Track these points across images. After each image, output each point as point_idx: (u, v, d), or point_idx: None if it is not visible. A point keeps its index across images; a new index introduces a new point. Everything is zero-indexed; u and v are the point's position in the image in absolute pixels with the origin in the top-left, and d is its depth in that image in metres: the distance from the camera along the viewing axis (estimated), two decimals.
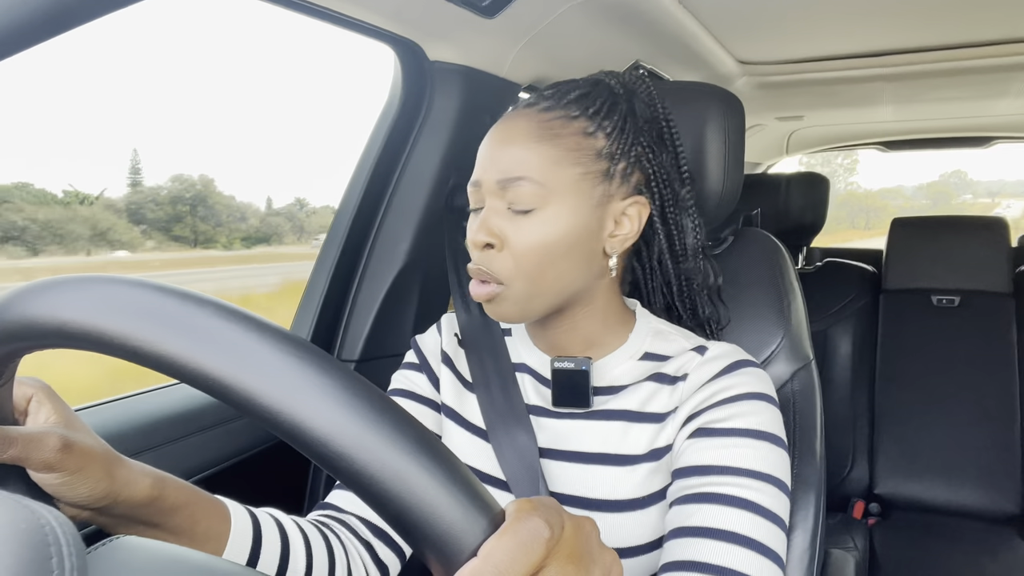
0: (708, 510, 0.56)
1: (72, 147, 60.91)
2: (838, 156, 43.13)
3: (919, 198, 52.54)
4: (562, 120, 0.64)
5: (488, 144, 0.66)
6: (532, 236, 0.62)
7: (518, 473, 0.67)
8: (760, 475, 0.58)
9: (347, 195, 1.12)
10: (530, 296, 0.63)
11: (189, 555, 0.36)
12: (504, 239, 0.63)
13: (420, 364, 0.78)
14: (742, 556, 0.54)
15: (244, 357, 0.28)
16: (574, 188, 0.63)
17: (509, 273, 0.63)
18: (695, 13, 1.25)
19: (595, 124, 0.64)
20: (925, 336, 1.96)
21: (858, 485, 1.93)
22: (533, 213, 0.62)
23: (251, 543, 0.57)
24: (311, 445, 0.27)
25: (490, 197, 0.64)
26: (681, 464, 0.61)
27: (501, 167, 0.63)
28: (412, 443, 0.27)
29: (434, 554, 0.27)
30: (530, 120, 0.64)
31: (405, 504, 0.27)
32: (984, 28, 1.36)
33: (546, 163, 0.62)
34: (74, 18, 0.46)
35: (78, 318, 0.29)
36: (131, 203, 16.79)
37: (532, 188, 0.61)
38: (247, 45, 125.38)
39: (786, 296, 0.86)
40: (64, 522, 0.26)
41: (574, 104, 0.65)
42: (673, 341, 0.70)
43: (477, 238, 0.63)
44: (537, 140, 0.63)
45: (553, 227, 0.62)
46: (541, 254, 0.62)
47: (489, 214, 0.63)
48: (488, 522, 0.28)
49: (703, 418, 0.62)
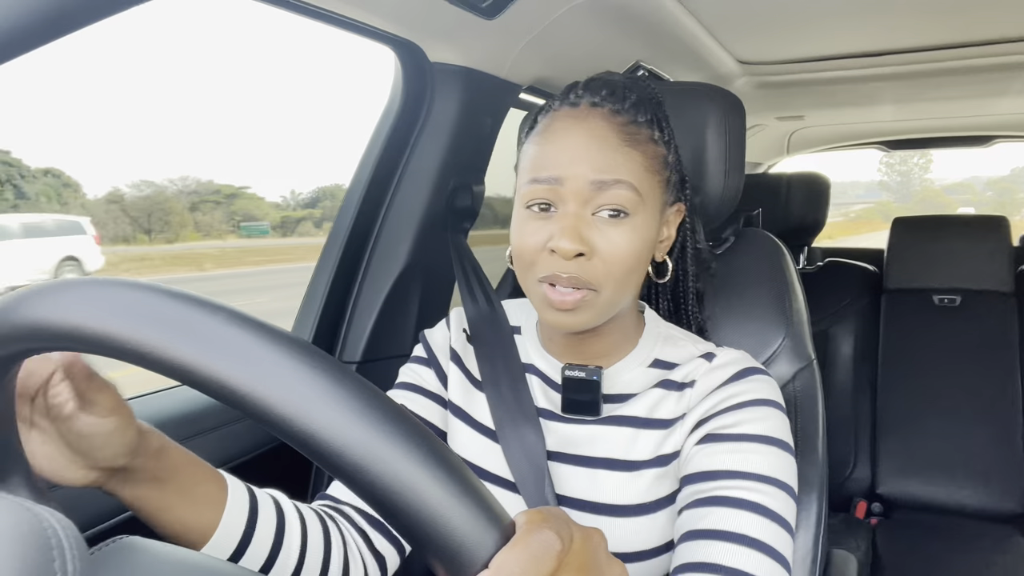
0: (719, 513, 0.57)
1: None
2: (914, 155, 43.86)
3: (986, 192, 52.75)
4: (635, 126, 0.63)
5: (569, 141, 0.61)
6: (624, 244, 0.60)
7: (525, 473, 0.67)
8: (769, 480, 0.58)
9: (348, 196, 1.12)
10: (612, 304, 0.63)
11: (190, 557, 0.36)
12: (593, 246, 0.60)
13: (428, 359, 0.77)
14: (752, 558, 0.54)
15: (254, 364, 0.27)
16: (655, 196, 0.63)
17: (601, 280, 0.60)
18: (695, 13, 1.25)
19: (657, 131, 0.64)
20: (926, 335, 1.96)
21: (860, 485, 1.93)
22: (626, 220, 0.60)
23: (247, 514, 0.57)
24: (324, 456, 0.27)
25: (574, 199, 0.60)
26: (691, 470, 0.61)
27: (598, 167, 0.60)
28: (424, 453, 0.27)
29: (445, 565, 0.27)
30: (609, 122, 0.62)
31: (417, 516, 0.27)
32: (984, 28, 1.36)
33: (640, 169, 0.61)
34: (75, 21, 0.46)
35: (85, 321, 0.29)
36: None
37: (631, 194, 0.60)
38: (247, 45, 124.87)
39: (787, 296, 0.86)
40: (67, 525, 0.26)
41: (636, 110, 0.64)
42: (682, 347, 0.70)
43: (565, 245, 0.58)
44: (628, 145, 0.61)
45: (642, 235, 0.61)
46: (632, 262, 0.61)
47: (577, 221, 0.60)
48: (499, 534, 0.27)
49: (712, 424, 0.62)
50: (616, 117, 0.62)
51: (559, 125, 0.63)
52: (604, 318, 0.64)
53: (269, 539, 0.58)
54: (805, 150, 2.89)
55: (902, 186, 55.26)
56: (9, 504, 0.25)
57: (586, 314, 0.62)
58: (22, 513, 0.25)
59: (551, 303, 0.61)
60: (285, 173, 74.82)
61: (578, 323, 0.62)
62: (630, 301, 0.67)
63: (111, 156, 63.49)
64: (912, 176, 53.95)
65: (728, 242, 0.92)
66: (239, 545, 0.56)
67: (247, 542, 0.57)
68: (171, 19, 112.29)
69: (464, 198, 1.13)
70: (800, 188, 2.04)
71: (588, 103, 0.63)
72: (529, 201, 0.63)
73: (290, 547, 0.59)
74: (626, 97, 0.64)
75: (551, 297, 0.61)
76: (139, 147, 67.19)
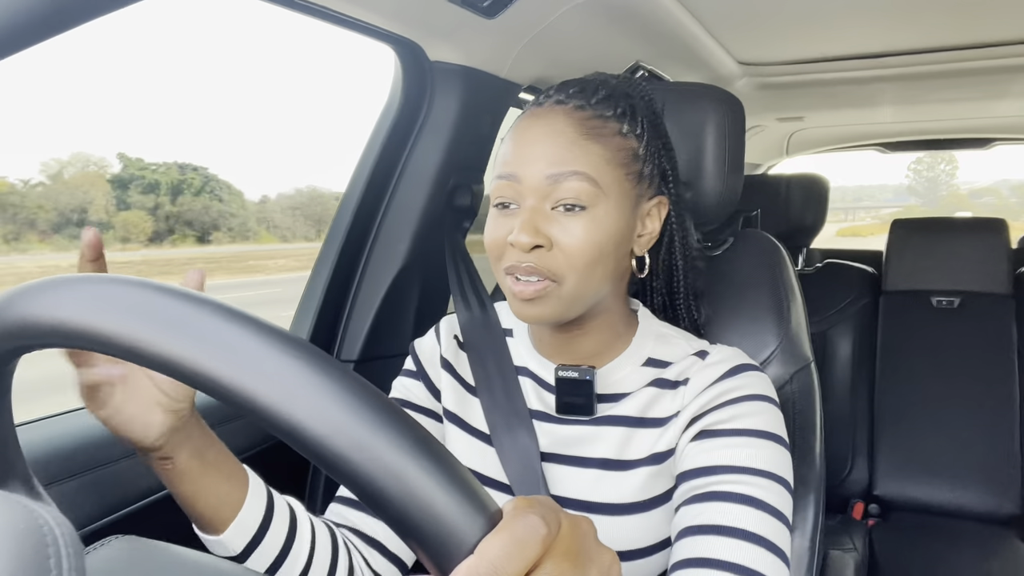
0: (716, 508, 0.57)
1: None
2: (941, 162, 44.92)
3: (1011, 199, 53.40)
4: (599, 120, 0.63)
5: (527, 138, 0.63)
6: (583, 235, 0.61)
7: (520, 475, 0.67)
8: (766, 473, 0.58)
9: (347, 195, 1.12)
10: (575, 296, 0.63)
11: (186, 555, 0.36)
12: (552, 239, 0.61)
13: (416, 371, 0.77)
14: (751, 552, 0.54)
15: (241, 356, 0.28)
16: (619, 188, 0.63)
17: (562, 270, 0.61)
18: (695, 14, 1.25)
19: (627, 125, 0.64)
20: (925, 337, 1.96)
21: (858, 486, 1.93)
22: (584, 211, 0.61)
23: (265, 505, 0.60)
24: (309, 445, 0.27)
25: (532, 194, 0.62)
26: (686, 467, 0.62)
27: (552, 161, 0.61)
28: (409, 442, 0.27)
29: (431, 552, 0.27)
30: (570, 117, 0.63)
31: (403, 503, 0.27)
32: (984, 30, 1.36)
33: (599, 161, 0.62)
34: (73, 17, 0.46)
35: (75, 317, 0.29)
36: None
37: (587, 185, 0.61)
38: (249, 46, 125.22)
39: (786, 297, 0.86)
40: (62, 523, 0.26)
41: (603, 104, 0.64)
42: (675, 345, 0.70)
43: (522, 239, 0.60)
44: (586, 138, 0.62)
45: (603, 226, 0.61)
46: (593, 253, 0.61)
47: (533, 215, 0.61)
48: (485, 520, 0.28)
49: (706, 420, 0.63)
50: (578, 112, 0.63)
51: (523, 125, 0.65)
52: (574, 311, 0.64)
53: (283, 531, 0.60)
54: (805, 151, 2.89)
55: (929, 191, 56.10)
56: (4, 501, 0.25)
57: (549, 305, 0.62)
58: (18, 510, 0.25)
59: (514, 293, 0.62)
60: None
61: (543, 314, 0.63)
62: (604, 295, 0.66)
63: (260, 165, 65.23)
64: (939, 182, 54.91)
65: (727, 243, 0.92)
66: (256, 534, 0.58)
67: (263, 533, 0.59)
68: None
69: (463, 197, 1.13)
70: (799, 189, 2.03)
71: (553, 102, 0.65)
72: (496, 199, 0.65)
73: (300, 547, 0.61)
74: (595, 93, 0.65)
75: (514, 288, 0.62)
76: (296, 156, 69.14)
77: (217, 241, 17.72)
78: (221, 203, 19.63)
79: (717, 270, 0.87)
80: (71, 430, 0.75)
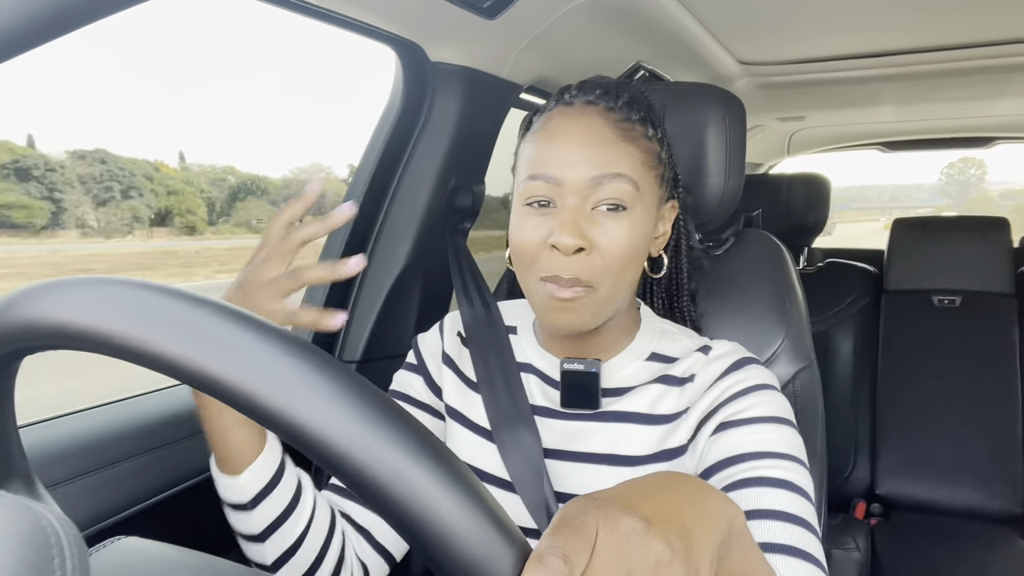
0: (752, 493, 0.57)
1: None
2: (971, 167, 46.87)
3: None
4: (629, 123, 0.64)
5: (566, 138, 0.62)
6: (622, 238, 0.61)
7: (522, 473, 0.67)
8: (789, 456, 0.59)
9: (348, 196, 1.12)
10: (609, 300, 0.63)
11: (188, 556, 0.36)
12: (592, 242, 0.60)
13: (417, 365, 0.78)
14: (793, 532, 0.54)
15: (244, 357, 0.28)
16: (651, 191, 0.64)
17: (599, 276, 0.61)
18: (696, 14, 1.25)
19: (651, 129, 0.65)
20: (926, 336, 1.95)
21: (860, 485, 1.93)
22: (624, 213, 0.61)
23: (279, 460, 0.63)
24: (310, 445, 0.27)
25: (573, 195, 0.61)
26: (712, 460, 0.62)
27: (596, 162, 0.61)
28: (447, 476, 0.27)
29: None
30: (604, 118, 0.63)
31: (435, 538, 0.26)
32: (985, 29, 1.36)
33: (636, 164, 0.62)
34: (77, 19, 0.46)
35: (78, 319, 0.29)
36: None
37: (629, 187, 0.61)
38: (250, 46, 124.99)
39: (787, 296, 0.86)
40: (66, 523, 0.26)
41: (629, 108, 0.64)
42: (678, 341, 0.71)
43: (567, 241, 0.59)
44: (624, 140, 0.62)
45: (639, 229, 0.62)
46: (629, 256, 0.62)
47: (577, 215, 0.60)
48: (517, 557, 0.27)
49: (722, 413, 0.63)
50: (611, 114, 0.63)
51: (556, 124, 0.63)
52: (603, 317, 0.64)
53: (289, 492, 0.63)
54: (806, 151, 2.89)
55: (960, 193, 59.34)
56: (9, 502, 0.25)
57: (585, 313, 0.62)
58: (22, 511, 0.25)
59: (549, 300, 0.62)
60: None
61: (577, 322, 0.62)
62: (628, 298, 0.67)
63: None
64: (969, 184, 57.65)
65: (728, 242, 0.92)
66: (267, 484, 0.62)
67: (273, 486, 0.62)
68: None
69: (464, 198, 1.13)
70: (800, 189, 2.03)
71: (583, 101, 0.64)
72: (529, 198, 0.63)
73: (302, 511, 0.64)
74: (619, 96, 0.65)
75: (555, 293, 0.61)
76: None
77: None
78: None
79: (719, 270, 0.87)
80: (74, 432, 0.75)
